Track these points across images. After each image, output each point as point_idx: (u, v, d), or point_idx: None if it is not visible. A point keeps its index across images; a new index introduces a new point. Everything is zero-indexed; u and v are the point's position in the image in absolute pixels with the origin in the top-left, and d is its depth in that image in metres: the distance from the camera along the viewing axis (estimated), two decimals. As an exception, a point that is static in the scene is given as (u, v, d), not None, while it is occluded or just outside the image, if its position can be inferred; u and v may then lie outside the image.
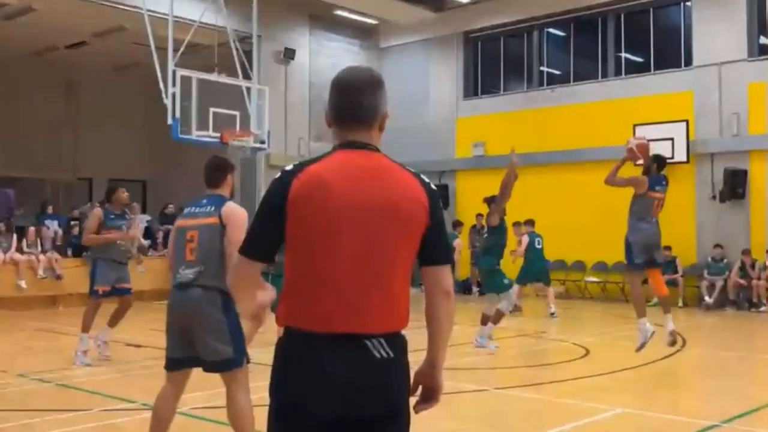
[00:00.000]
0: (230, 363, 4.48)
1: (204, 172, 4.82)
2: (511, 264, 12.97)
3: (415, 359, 2.44)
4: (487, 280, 10.05)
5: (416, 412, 2.45)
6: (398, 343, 2.34)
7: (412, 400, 2.45)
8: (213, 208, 4.60)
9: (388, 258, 2.31)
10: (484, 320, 9.88)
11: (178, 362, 4.55)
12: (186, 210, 4.82)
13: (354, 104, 2.41)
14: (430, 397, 2.49)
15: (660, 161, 8.92)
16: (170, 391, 4.60)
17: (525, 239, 14.11)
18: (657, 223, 8.78)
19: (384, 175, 2.35)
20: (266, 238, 2.37)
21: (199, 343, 4.45)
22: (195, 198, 4.83)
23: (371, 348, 2.27)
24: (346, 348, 2.25)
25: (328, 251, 2.28)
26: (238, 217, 4.57)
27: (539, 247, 14.11)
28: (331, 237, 2.27)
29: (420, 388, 2.49)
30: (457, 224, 18.71)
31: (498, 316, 9.41)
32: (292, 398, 2.28)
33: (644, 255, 8.60)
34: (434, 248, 2.41)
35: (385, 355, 2.28)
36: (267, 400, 2.36)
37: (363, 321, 2.27)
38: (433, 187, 2.44)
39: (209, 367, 4.52)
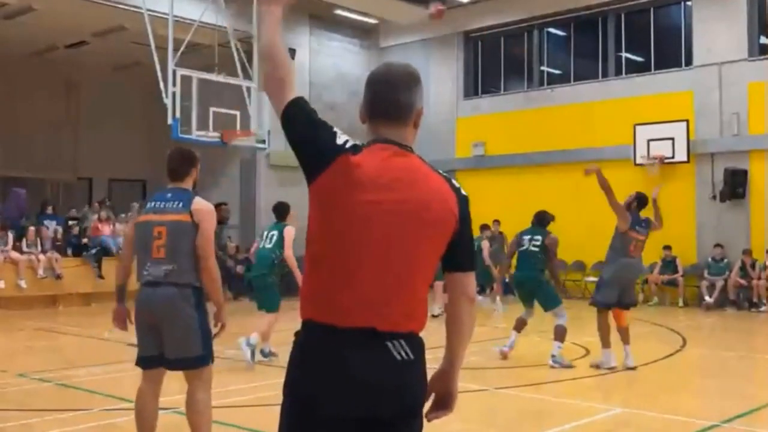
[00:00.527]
0: (201, 360, 4.44)
1: (168, 164, 4.64)
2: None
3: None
4: (539, 294, 9.12)
5: (428, 420, 2.41)
6: (417, 345, 2.31)
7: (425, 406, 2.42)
8: (181, 204, 4.48)
9: (411, 259, 2.27)
10: (518, 327, 9.32)
11: (150, 360, 4.51)
12: (149, 204, 4.61)
13: (389, 101, 2.37)
14: (444, 404, 2.45)
15: (641, 199, 8.85)
16: (148, 389, 4.57)
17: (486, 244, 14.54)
18: (637, 263, 8.77)
19: (416, 176, 2.31)
20: (305, 126, 2.33)
21: (170, 340, 4.40)
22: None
23: (392, 349, 2.24)
24: (367, 347, 2.22)
25: (352, 246, 2.25)
26: (209, 213, 4.53)
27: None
28: (356, 232, 2.24)
29: (432, 395, 2.44)
30: (484, 228, 18.43)
31: (563, 332, 8.77)
32: (309, 394, 2.24)
33: (613, 296, 8.56)
34: (461, 254, 2.38)
35: (405, 356, 2.25)
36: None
37: (381, 320, 2.23)
38: (464, 193, 2.40)
39: (176, 365, 4.46)
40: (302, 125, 2.32)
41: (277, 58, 2.37)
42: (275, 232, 8.94)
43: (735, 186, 16.17)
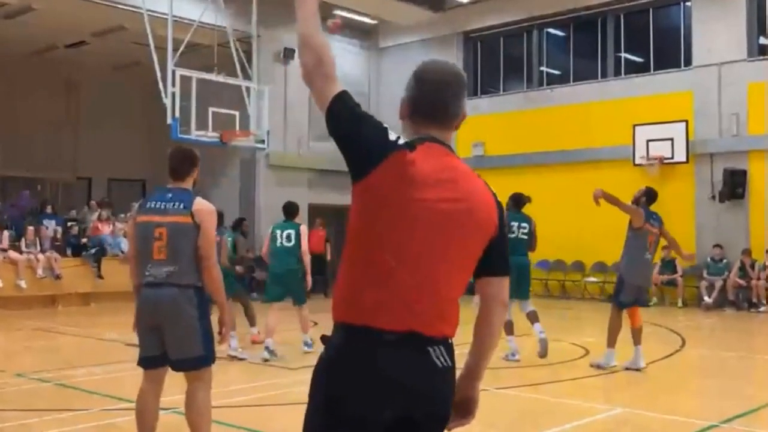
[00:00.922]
0: (202, 360, 4.44)
1: (170, 163, 4.60)
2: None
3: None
4: (526, 281, 9.30)
5: (449, 430, 2.38)
6: (451, 351, 2.29)
7: None
8: (182, 205, 4.44)
9: (451, 261, 2.26)
10: (511, 331, 9.21)
11: (152, 360, 4.51)
12: (149, 204, 4.54)
13: (439, 104, 2.36)
14: (466, 410, 2.43)
15: (649, 194, 8.81)
16: (149, 389, 4.56)
17: None
18: (651, 261, 8.80)
19: (462, 177, 2.30)
20: (351, 122, 2.26)
21: (172, 341, 4.40)
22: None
23: (433, 355, 2.22)
24: (407, 351, 2.19)
25: (395, 245, 2.20)
26: (210, 214, 4.50)
27: None
28: (402, 230, 2.21)
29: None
30: None
31: (537, 314, 9.02)
32: (340, 394, 2.20)
33: (633, 296, 8.60)
34: (497, 259, 2.38)
35: (445, 363, 2.24)
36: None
37: (417, 322, 2.20)
38: (498, 199, 2.42)
39: (179, 366, 4.46)
40: (348, 122, 2.26)
41: (320, 52, 2.29)
42: (292, 231, 9.30)
43: (734, 186, 16.18)
